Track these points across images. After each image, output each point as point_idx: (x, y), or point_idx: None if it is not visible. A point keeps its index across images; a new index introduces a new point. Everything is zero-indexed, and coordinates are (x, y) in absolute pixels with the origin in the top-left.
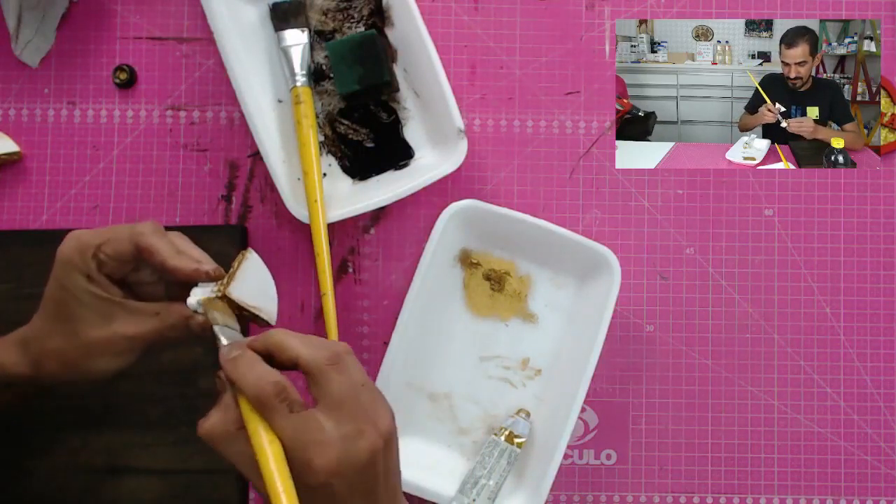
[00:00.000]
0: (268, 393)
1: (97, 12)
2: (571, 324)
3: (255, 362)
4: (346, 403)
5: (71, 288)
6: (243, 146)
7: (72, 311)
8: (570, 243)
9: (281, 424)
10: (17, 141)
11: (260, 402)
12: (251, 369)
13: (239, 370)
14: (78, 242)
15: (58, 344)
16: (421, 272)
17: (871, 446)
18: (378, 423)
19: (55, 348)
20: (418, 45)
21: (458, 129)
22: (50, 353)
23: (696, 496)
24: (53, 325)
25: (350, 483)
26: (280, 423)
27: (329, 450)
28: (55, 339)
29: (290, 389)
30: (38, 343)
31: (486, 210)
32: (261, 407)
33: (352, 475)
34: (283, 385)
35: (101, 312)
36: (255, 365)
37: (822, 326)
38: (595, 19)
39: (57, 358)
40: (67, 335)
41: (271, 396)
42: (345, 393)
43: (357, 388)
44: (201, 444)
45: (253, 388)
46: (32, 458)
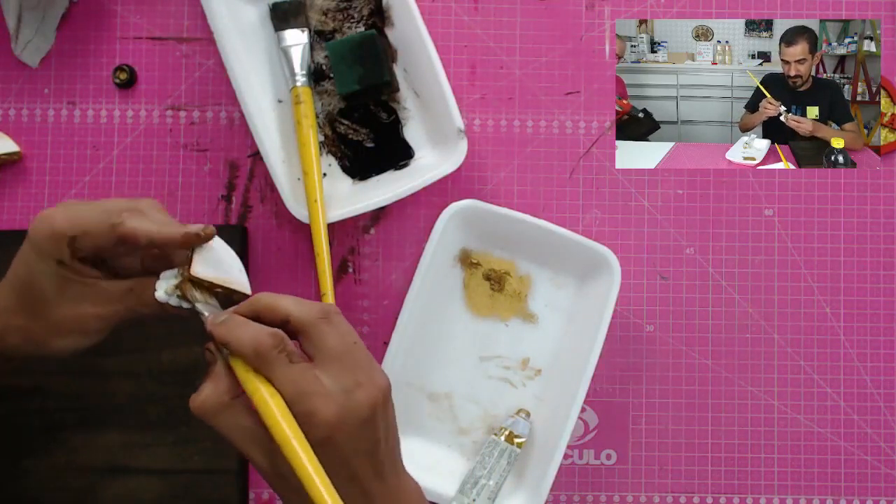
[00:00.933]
0: (267, 345)
1: (97, 12)
2: (571, 324)
3: (246, 322)
4: (341, 357)
5: (39, 272)
6: (243, 146)
7: (39, 292)
8: (570, 243)
9: (282, 376)
10: (17, 141)
11: (259, 355)
12: (245, 327)
13: (232, 331)
14: (51, 230)
15: (22, 321)
16: (421, 272)
17: (871, 446)
18: (374, 378)
19: (19, 325)
20: (418, 45)
21: (458, 129)
22: (13, 328)
23: (696, 496)
24: (18, 301)
25: (352, 438)
26: (281, 375)
27: (330, 401)
28: (19, 316)
29: (288, 341)
30: (2, 317)
31: (487, 210)
32: (260, 361)
33: (354, 429)
34: (280, 336)
35: (71, 294)
36: (248, 324)
37: (822, 326)
38: (595, 19)
39: (21, 334)
40: (33, 314)
41: (270, 348)
42: (339, 346)
43: (350, 344)
44: (201, 444)
45: (250, 343)
46: (32, 458)
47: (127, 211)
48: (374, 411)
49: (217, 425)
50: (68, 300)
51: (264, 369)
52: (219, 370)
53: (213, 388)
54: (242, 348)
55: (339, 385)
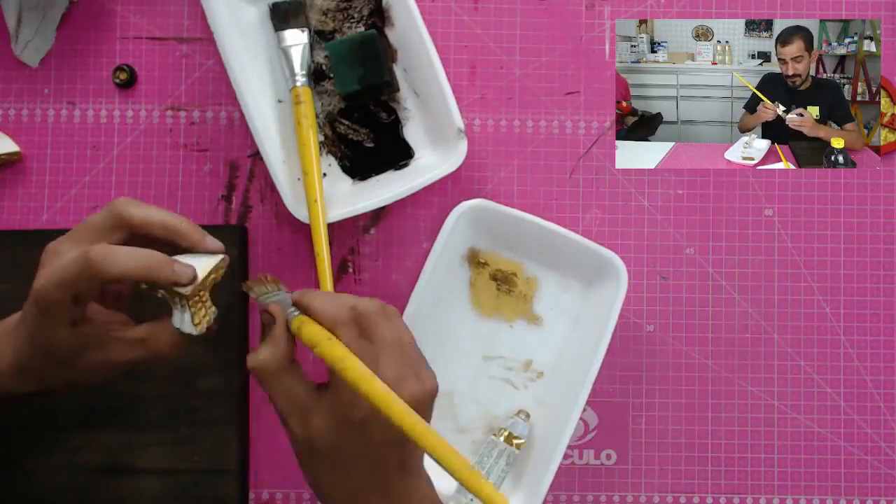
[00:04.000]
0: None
1: (97, 12)
2: (576, 328)
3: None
4: (392, 348)
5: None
6: (243, 146)
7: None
8: (579, 247)
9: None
10: (17, 141)
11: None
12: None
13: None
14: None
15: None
16: (428, 269)
17: (871, 446)
18: (423, 378)
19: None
20: (418, 45)
21: (458, 129)
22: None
23: (696, 496)
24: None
25: (386, 426)
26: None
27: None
28: (38, 360)
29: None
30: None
31: (496, 210)
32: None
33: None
34: (360, 313)
35: (90, 344)
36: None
37: (822, 326)
38: (595, 19)
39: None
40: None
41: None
42: (392, 339)
43: (403, 342)
44: (201, 444)
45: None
46: (32, 458)
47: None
48: (415, 407)
49: (269, 387)
50: (86, 350)
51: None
52: (278, 333)
53: (272, 350)
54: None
55: (390, 373)
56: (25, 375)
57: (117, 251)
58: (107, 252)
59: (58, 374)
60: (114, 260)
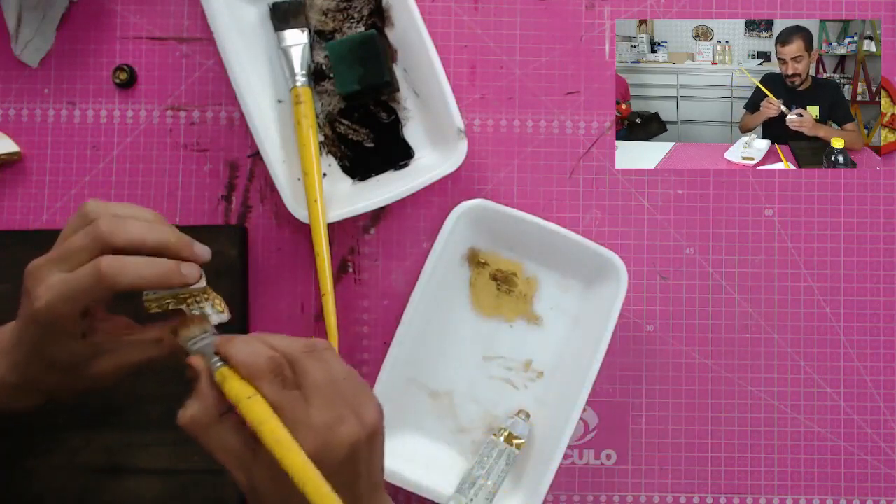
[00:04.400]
0: (262, 366)
1: (97, 12)
2: (576, 328)
3: (251, 340)
4: (324, 390)
5: (65, 349)
6: (243, 146)
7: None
8: (579, 247)
9: (273, 398)
10: (17, 141)
11: (254, 374)
12: (247, 344)
13: (235, 346)
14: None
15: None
16: (428, 269)
17: (871, 446)
18: (362, 415)
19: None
20: (418, 45)
21: (458, 129)
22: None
23: (696, 496)
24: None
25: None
26: (273, 396)
27: (311, 433)
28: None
29: (286, 367)
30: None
31: (496, 210)
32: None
33: (332, 464)
34: (279, 360)
35: (102, 351)
36: (252, 342)
37: (822, 326)
38: (595, 19)
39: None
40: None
41: (265, 369)
42: (323, 380)
43: (336, 380)
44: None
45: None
46: (32, 458)
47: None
48: (356, 448)
49: (204, 441)
50: (104, 357)
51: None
52: (204, 386)
53: (200, 405)
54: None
55: (321, 418)
56: (33, 392)
57: (128, 261)
58: (119, 263)
59: (69, 384)
60: (127, 270)
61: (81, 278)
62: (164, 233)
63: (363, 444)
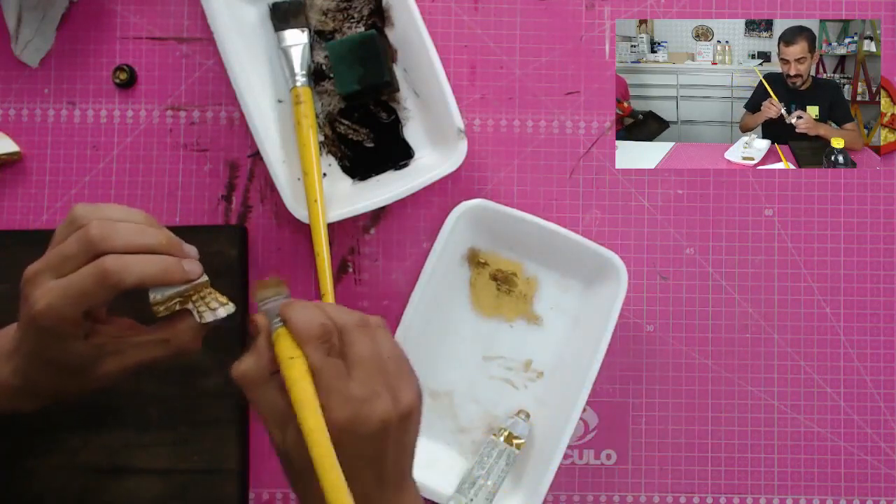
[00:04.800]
0: (313, 331)
1: (97, 12)
2: (576, 328)
3: (311, 306)
4: (366, 365)
5: (69, 351)
6: (243, 146)
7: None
8: (579, 247)
9: (316, 363)
10: (17, 141)
11: (303, 338)
12: (304, 309)
13: (294, 309)
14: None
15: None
16: (428, 269)
17: (871, 446)
18: (398, 395)
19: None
20: (418, 45)
21: (458, 129)
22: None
23: (696, 496)
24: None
25: (357, 443)
26: (315, 361)
27: (344, 404)
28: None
29: (335, 335)
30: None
31: (496, 210)
32: (302, 343)
33: (360, 437)
34: (329, 328)
35: (106, 352)
36: (311, 308)
37: (822, 326)
38: (595, 19)
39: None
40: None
41: (316, 334)
42: (368, 355)
43: (381, 356)
44: (201, 444)
45: (303, 324)
46: (32, 458)
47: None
48: (386, 426)
49: (251, 395)
50: (109, 358)
51: (304, 350)
52: (261, 344)
53: (255, 360)
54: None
55: (357, 391)
56: (38, 395)
57: (131, 260)
58: (122, 262)
59: (74, 386)
60: (131, 269)
61: (84, 279)
62: (155, 235)
63: (394, 424)
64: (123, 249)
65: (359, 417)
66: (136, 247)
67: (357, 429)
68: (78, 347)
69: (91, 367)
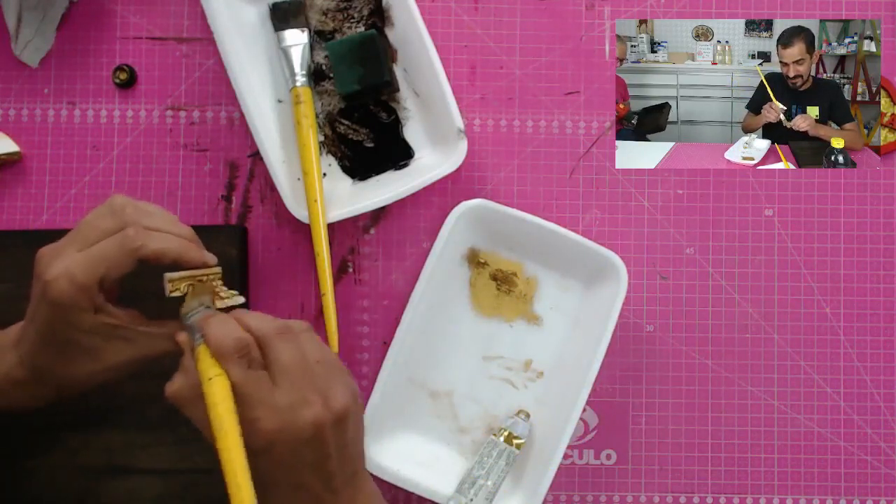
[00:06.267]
0: (229, 346)
1: (97, 12)
2: (576, 328)
3: (227, 319)
4: (291, 372)
5: (79, 326)
6: (243, 146)
7: (82, 345)
8: (579, 247)
9: (236, 378)
10: (17, 141)
11: (220, 353)
12: (220, 324)
13: (210, 324)
14: (73, 284)
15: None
16: (428, 269)
17: (871, 446)
18: (329, 398)
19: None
20: (418, 45)
21: (458, 129)
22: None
23: (696, 496)
24: (58, 351)
25: (294, 451)
26: (235, 376)
27: (273, 413)
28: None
29: (253, 348)
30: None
31: (496, 210)
32: (220, 359)
33: (295, 444)
34: (245, 341)
35: (118, 336)
36: (226, 322)
37: (822, 326)
38: (595, 19)
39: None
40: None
41: (231, 350)
42: (292, 362)
43: (307, 362)
44: (201, 444)
45: (217, 340)
46: (32, 458)
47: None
48: (320, 430)
49: (186, 413)
50: (121, 344)
51: (224, 366)
52: (188, 363)
53: (184, 379)
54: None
55: (286, 399)
56: (42, 385)
57: (152, 233)
58: (146, 233)
59: (81, 371)
60: (153, 238)
61: (106, 245)
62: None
63: (328, 427)
64: (154, 257)
65: (289, 424)
66: (164, 230)
67: (289, 436)
68: (87, 320)
69: (99, 351)
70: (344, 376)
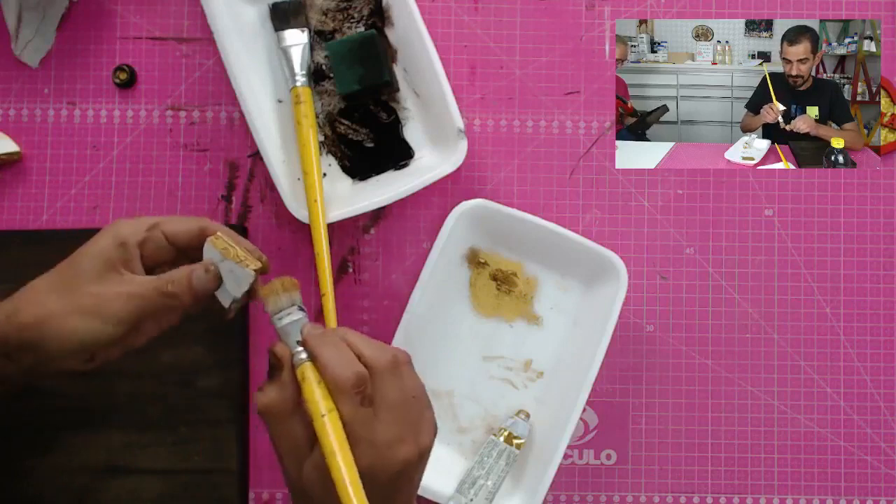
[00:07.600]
0: (348, 382)
1: (97, 12)
2: (576, 328)
3: (342, 345)
4: (396, 409)
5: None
6: (243, 146)
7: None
8: (579, 247)
9: (346, 416)
10: (17, 141)
11: (337, 388)
12: (339, 352)
13: (325, 350)
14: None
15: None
16: (428, 269)
17: (871, 446)
18: (420, 435)
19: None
20: (418, 45)
21: (458, 129)
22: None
23: (695, 496)
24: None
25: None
26: (346, 415)
27: (370, 450)
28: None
29: (369, 384)
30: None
31: (496, 210)
32: (337, 391)
33: (382, 479)
34: (365, 378)
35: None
36: (343, 349)
37: (822, 326)
38: (595, 19)
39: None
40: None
41: (350, 387)
42: (398, 399)
43: (409, 398)
44: (201, 444)
45: (335, 373)
46: (32, 458)
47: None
48: (407, 469)
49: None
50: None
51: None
52: (286, 378)
53: (280, 393)
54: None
55: (385, 437)
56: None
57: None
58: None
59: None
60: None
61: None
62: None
63: (413, 464)
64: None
65: (384, 462)
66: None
67: (379, 473)
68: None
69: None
70: (430, 411)
